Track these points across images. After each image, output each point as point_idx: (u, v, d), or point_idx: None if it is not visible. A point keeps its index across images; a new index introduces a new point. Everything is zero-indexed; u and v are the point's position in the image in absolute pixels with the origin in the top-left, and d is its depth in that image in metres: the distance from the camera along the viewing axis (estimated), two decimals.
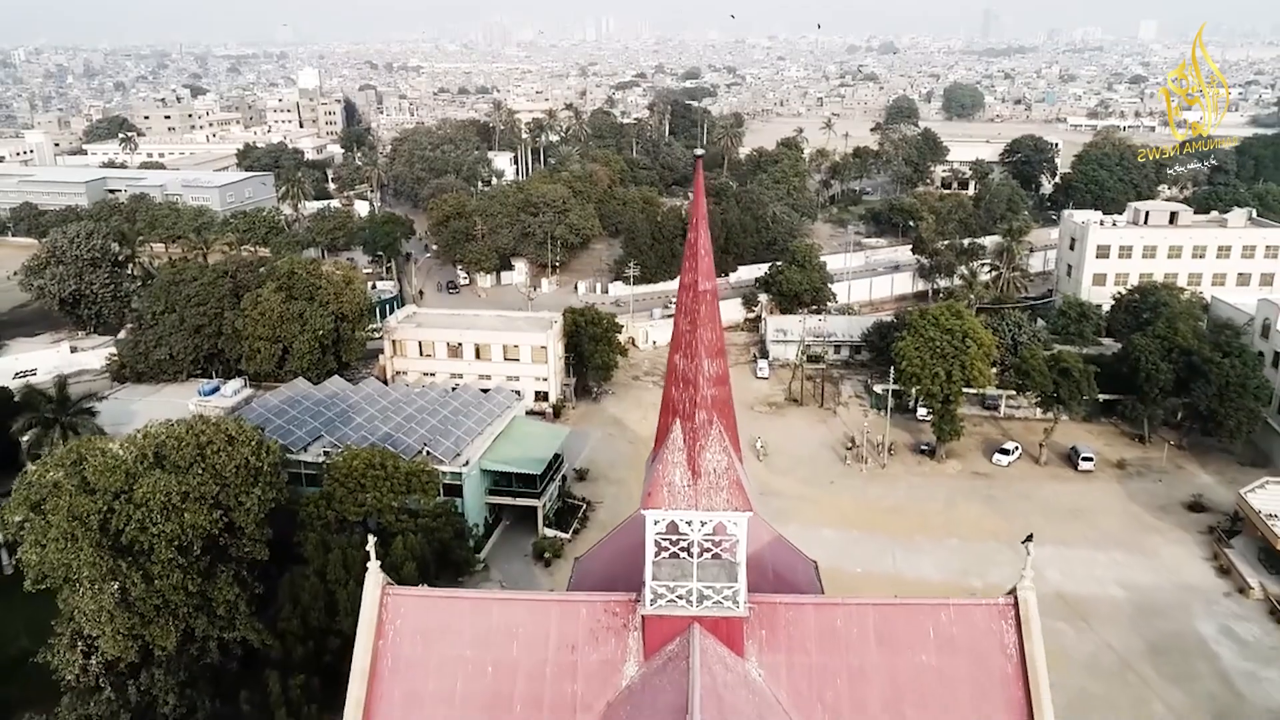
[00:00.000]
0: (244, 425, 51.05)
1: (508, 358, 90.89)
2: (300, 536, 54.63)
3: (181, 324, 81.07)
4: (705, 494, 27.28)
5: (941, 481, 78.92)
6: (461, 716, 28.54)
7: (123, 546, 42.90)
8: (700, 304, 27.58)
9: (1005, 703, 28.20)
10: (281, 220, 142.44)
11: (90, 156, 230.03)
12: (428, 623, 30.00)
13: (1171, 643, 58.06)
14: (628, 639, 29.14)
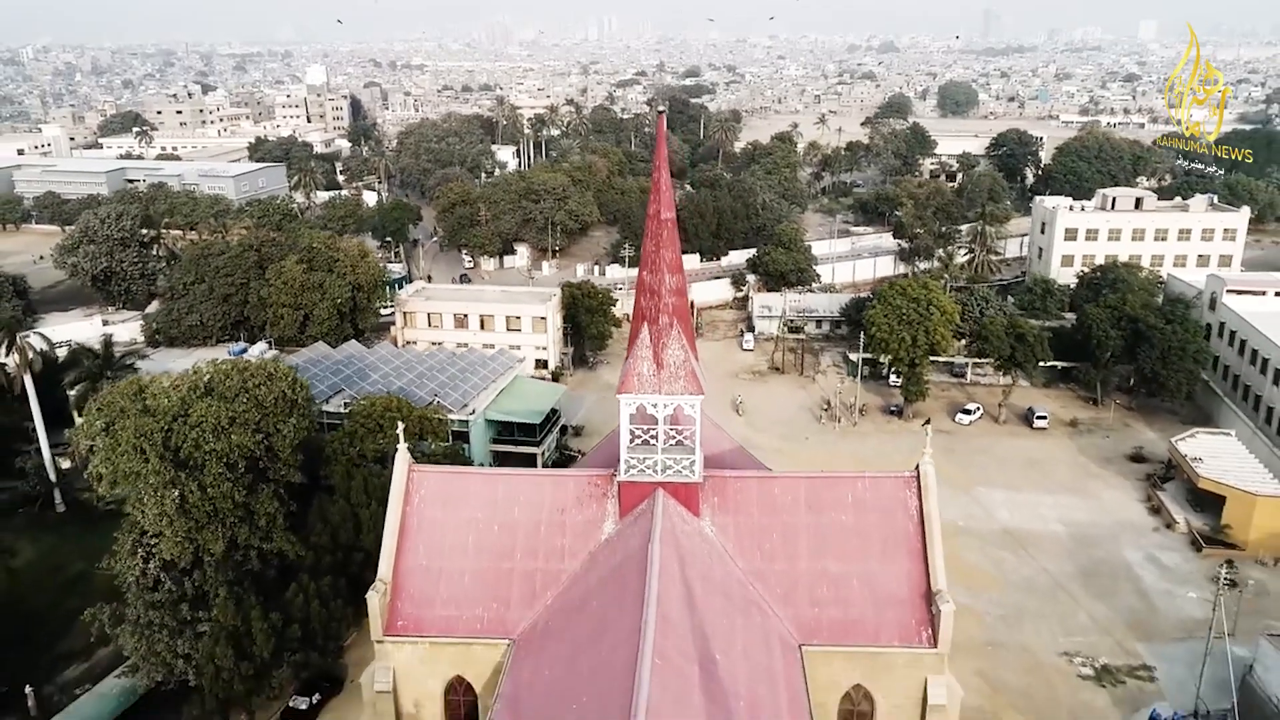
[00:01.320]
0: (280, 365, 58.32)
1: (510, 328, 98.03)
2: (327, 470, 61.87)
3: (211, 293, 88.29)
4: (667, 381, 34.45)
5: (906, 438, 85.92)
6: (474, 563, 35.75)
7: (181, 461, 50.05)
8: (663, 230, 34.76)
9: (907, 551, 35.46)
10: (294, 208, 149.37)
11: (105, 150, 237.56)
12: (446, 492, 37.26)
13: (1101, 568, 65.16)
14: (606, 504, 36.35)
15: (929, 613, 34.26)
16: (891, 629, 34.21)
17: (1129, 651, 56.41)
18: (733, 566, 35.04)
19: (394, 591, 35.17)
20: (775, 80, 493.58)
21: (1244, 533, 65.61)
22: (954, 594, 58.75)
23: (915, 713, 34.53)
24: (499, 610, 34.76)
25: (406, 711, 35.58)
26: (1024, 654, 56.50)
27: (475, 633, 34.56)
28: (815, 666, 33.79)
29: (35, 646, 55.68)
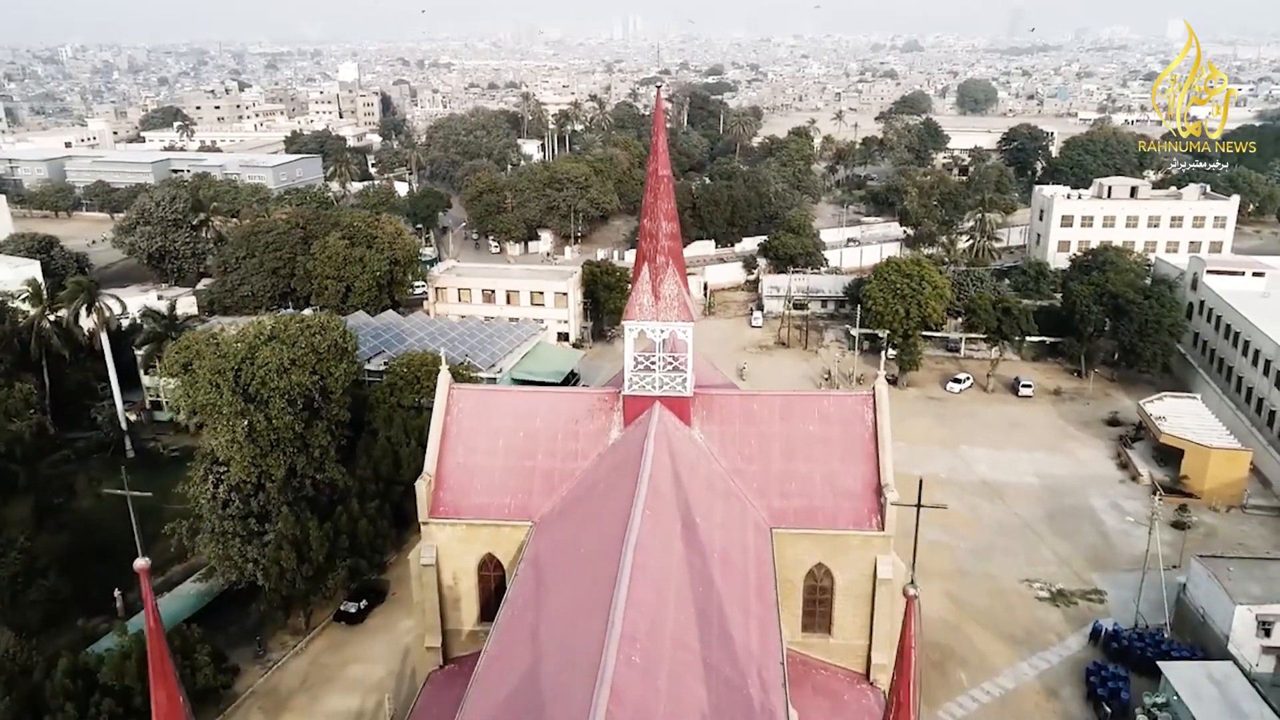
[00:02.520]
0: (333, 318, 66.09)
1: (534, 303, 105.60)
2: (370, 415, 69.67)
3: (260, 266, 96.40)
4: (663, 310, 41.69)
5: (900, 404, 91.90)
6: (502, 462, 43.15)
7: (249, 396, 57.72)
8: (660, 185, 41.97)
9: (863, 455, 42.51)
10: (330, 196, 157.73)
11: (148, 144, 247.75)
12: (479, 406, 44.73)
13: (1067, 512, 71.68)
14: (613, 415, 43.64)
15: (879, 503, 41.22)
16: (848, 516, 41.21)
17: (1083, 579, 63.05)
18: (716, 465, 42.19)
19: (437, 483, 42.59)
20: (797, 79, 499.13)
21: (1200, 483, 71.84)
22: (931, 534, 66.53)
23: (867, 586, 41.53)
24: (523, 499, 42.09)
25: (446, 584, 42.98)
26: (989, 580, 63.24)
27: (503, 517, 41.90)
28: (784, 547, 40.86)
29: (117, 563, 63.63)
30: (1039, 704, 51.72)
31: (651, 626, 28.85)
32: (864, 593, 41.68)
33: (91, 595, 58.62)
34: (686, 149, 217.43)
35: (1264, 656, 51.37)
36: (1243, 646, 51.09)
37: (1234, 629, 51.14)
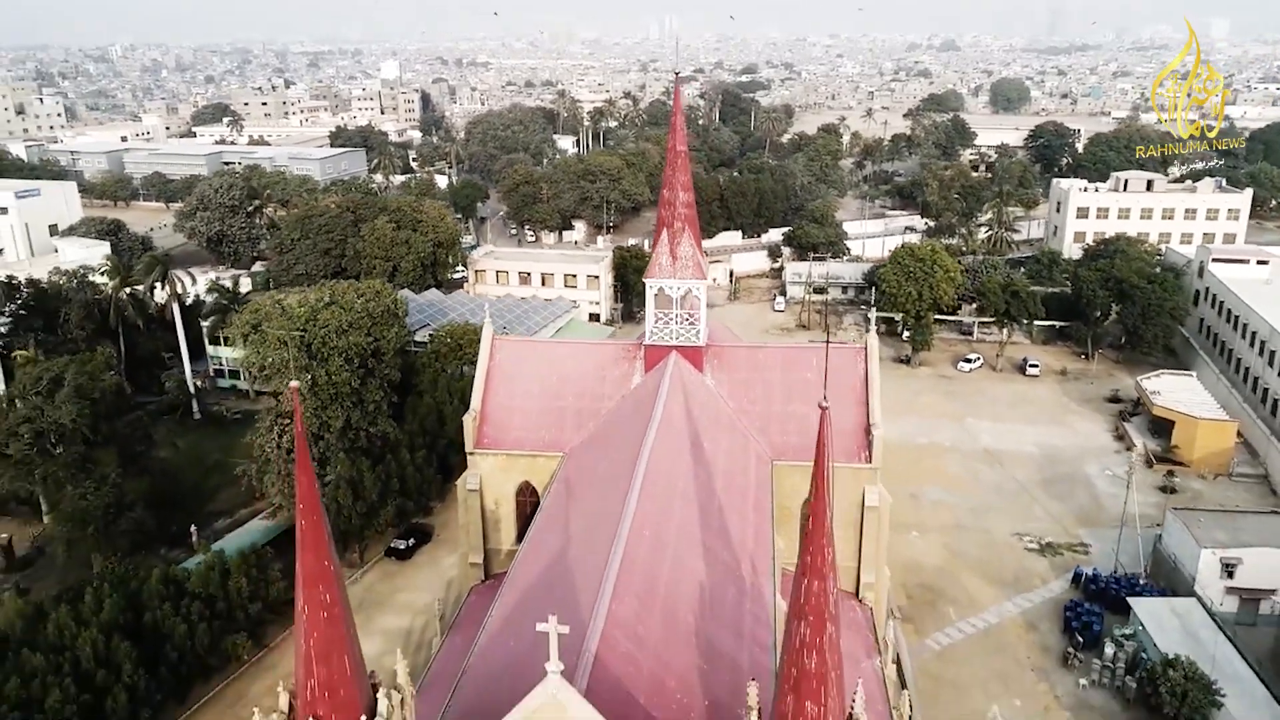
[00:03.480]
0: (386, 286, 72.81)
1: (567, 285, 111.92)
2: (417, 378, 76.30)
3: (314, 247, 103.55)
4: (680, 269, 47.64)
5: (912, 381, 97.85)
6: (538, 402, 49.28)
7: (312, 353, 64.53)
8: (678, 159, 47.88)
9: (855, 399, 48.16)
10: (374, 188, 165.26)
11: (199, 138, 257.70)
12: (518, 354, 50.99)
13: (1062, 477, 76.63)
14: (635, 363, 49.65)
15: (867, 440, 46.83)
16: (839, 450, 46.71)
17: (1071, 534, 68.12)
18: (725, 406, 48.05)
19: (481, 419, 48.82)
20: (831, 78, 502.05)
21: (1189, 452, 76.46)
22: (933, 493, 71.79)
23: (856, 514, 47.09)
24: (556, 434, 48.16)
25: (488, 507, 49.21)
26: (983, 534, 68.48)
27: (538, 449, 48.01)
28: (783, 478, 46.50)
29: (190, 508, 70.67)
30: (1019, 635, 57.05)
31: (660, 517, 34.84)
32: (853, 520, 47.27)
33: (170, 531, 65.56)
34: (717, 145, 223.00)
35: (1228, 597, 56.24)
36: (1207, 587, 56.00)
37: (1200, 571, 56.09)
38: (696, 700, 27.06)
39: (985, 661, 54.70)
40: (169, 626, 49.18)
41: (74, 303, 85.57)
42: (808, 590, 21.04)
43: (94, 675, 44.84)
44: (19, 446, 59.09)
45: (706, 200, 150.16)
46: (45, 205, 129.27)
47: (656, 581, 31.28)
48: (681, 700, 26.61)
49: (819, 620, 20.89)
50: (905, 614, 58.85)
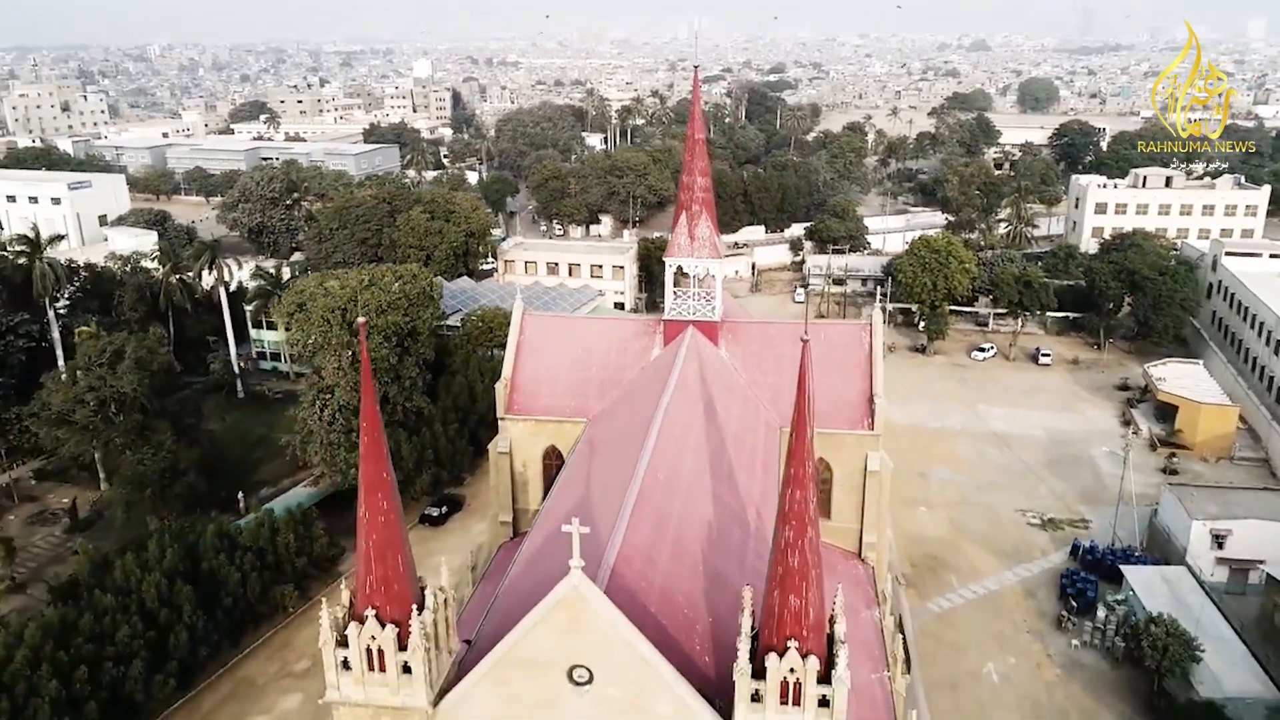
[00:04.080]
0: (422, 270, 76.91)
1: (593, 275, 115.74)
2: (450, 360, 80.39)
3: (351, 236, 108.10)
4: (697, 249, 51.22)
5: (926, 369, 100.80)
6: (564, 373, 53.03)
7: (353, 331, 68.72)
8: (696, 146, 51.42)
9: (859, 371, 51.51)
10: (408, 182, 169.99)
11: (237, 135, 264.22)
12: (546, 328, 54.77)
13: (1068, 459, 79.36)
14: (655, 336, 53.29)
15: (870, 410, 50.15)
16: (845, 419, 50.19)
17: (1072, 511, 70.97)
18: (737, 376, 51.57)
19: (511, 387, 52.65)
20: (859, 77, 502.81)
21: (1192, 436, 78.96)
22: (942, 473, 75.01)
23: (860, 478, 50.45)
24: (580, 401, 51.86)
25: (517, 470, 53.03)
26: (988, 510, 71.48)
27: (564, 415, 51.72)
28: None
29: (237, 477, 75.13)
30: (1017, 601, 60.14)
31: (673, 464, 38.46)
32: (857, 483, 50.65)
33: (219, 497, 69.97)
34: (743, 142, 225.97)
35: (1218, 567, 59.03)
36: (1199, 558, 58.83)
37: (1191, 542, 58.91)
38: (700, 615, 30.66)
39: (983, 624, 57.85)
40: (223, 575, 53.49)
41: (128, 286, 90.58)
42: (791, 499, 24.61)
43: (157, 615, 49.20)
44: (84, 413, 63.73)
45: (730, 195, 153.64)
46: (96, 196, 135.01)
47: (668, 516, 34.90)
48: (687, 614, 30.23)
49: (800, 524, 24.47)
50: (909, 580, 62.25)
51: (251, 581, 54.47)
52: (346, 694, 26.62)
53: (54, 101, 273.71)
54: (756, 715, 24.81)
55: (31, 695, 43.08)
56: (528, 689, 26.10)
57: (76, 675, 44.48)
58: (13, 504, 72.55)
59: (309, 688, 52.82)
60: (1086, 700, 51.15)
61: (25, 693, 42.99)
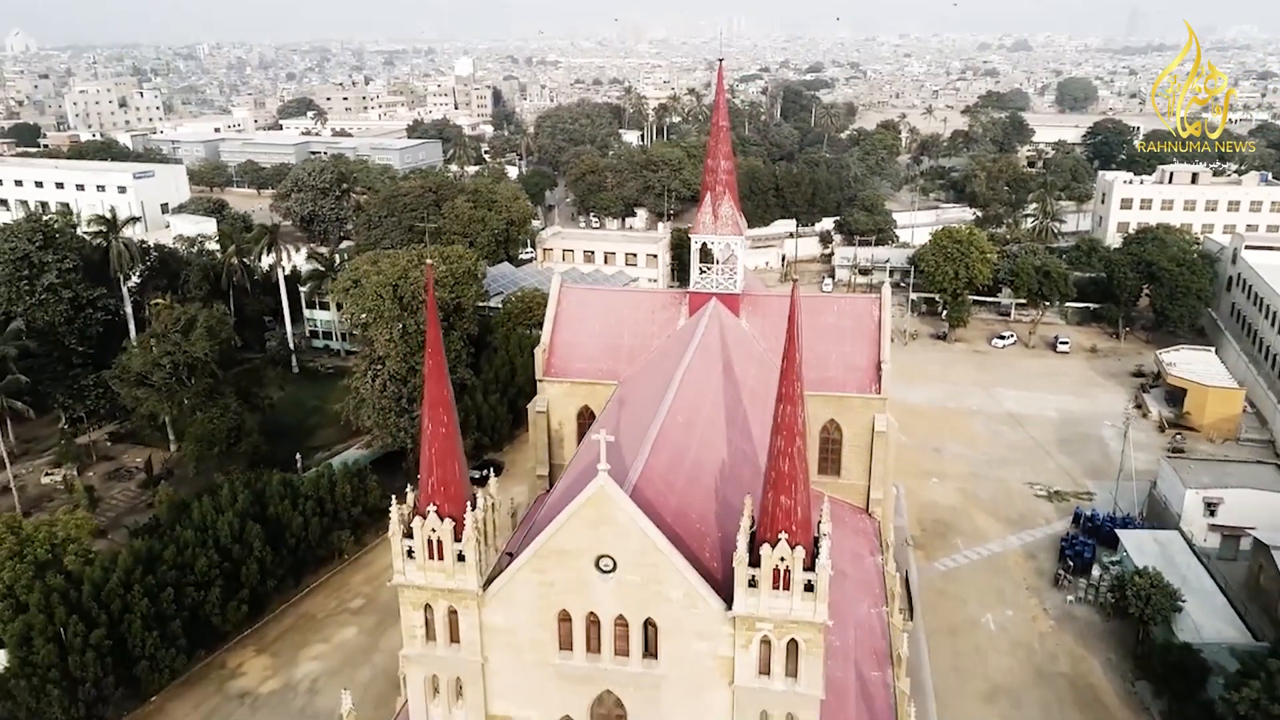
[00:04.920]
0: (468, 251, 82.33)
1: (628, 263, 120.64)
2: (492, 336, 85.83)
3: (399, 224, 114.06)
4: (719, 227, 55.93)
5: (947, 355, 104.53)
6: (598, 340, 57.99)
7: (403, 305, 74.26)
8: (720, 133, 56.14)
9: (869, 340, 55.90)
10: (450, 176, 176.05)
11: (286, 130, 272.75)
12: (581, 299, 59.82)
13: (1078, 437, 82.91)
14: (681, 307, 58.06)
15: (878, 375, 54.53)
16: (855, 383, 54.62)
17: (1078, 484, 74.66)
18: (756, 344, 56.15)
19: (550, 351, 57.71)
20: (896, 77, 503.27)
21: (1199, 418, 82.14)
22: (955, 449, 78.90)
23: (867, 438, 54.83)
24: (612, 365, 56.74)
25: (554, 428, 58.05)
26: (998, 482, 75.39)
27: (598, 377, 56.64)
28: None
29: (294, 440, 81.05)
30: (1018, 562, 64.14)
31: (692, 410, 43.20)
32: (865, 443, 55.04)
33: (279, 457, 75.78)
34: (777, 140, 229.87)
35: (1211, 534, 62.55)
36: (1192, 524, 62.41)
37: (1185, 509, 62.53)
38: (711, 530, 35.35)
39: (985, 581, 61.96)
40: (287, 520, 59.11)
41: (193, 266, 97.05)
42: (782, 414, 29.37)
43: (231, 550, 54.89)
44: (160, 375, 69.86)
45: (762, 190, 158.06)
46: (158, 185, 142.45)
47: (685, 452, 39.64)
48: (699, 528, 34.94)
49: (790, 435, 29.18)
50: (918, 542, 66.49)
51: (312, 526, 60.07)
52: (410, 578, 31.72)
53: (112, 98, 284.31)
54: (753, 598, 29.52)
55: (125, 612, 48.86)
56: (561, 576, 31.01)
57: (163, 596, 50.28)
58: (92, 462, 79.03)
59: (363, 622, 58.50)
60: (1076, 648, 55.16)
61: (120, 609, 48.79)
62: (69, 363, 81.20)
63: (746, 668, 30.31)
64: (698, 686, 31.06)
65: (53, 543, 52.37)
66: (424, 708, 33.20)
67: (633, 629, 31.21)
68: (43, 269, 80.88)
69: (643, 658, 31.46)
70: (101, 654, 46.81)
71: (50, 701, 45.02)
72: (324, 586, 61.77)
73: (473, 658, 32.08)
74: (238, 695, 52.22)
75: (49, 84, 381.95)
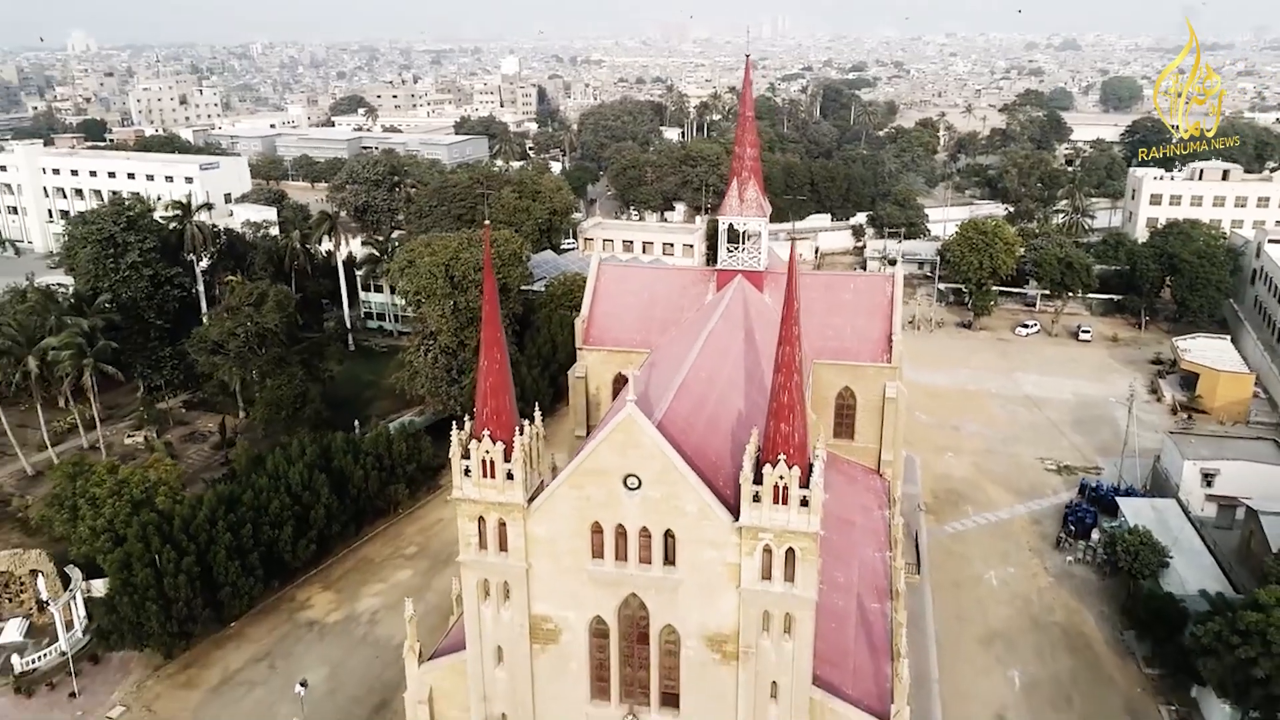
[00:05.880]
0: (514, 235, 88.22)
1: (665, 253, 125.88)
2: (535, 316, 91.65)
3: (448, 213, 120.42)
4: (745, 209, 61.04)
5: (970, 342, 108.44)
6: (632, 312, 63.39)
7: (454, 283, 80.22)
8: (746, 122, 61.26)
9: (881, 315, 60.72)
10: (495, 170, 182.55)
11: (338, 127, 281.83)
12: (619, 275, 65.29)
13: (1092, 418, 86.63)
14: (709, 283, 63.27)
15: (889, 346, 59.23)
16: (868, 353, 59.41)
17: (1088, 459, 78.62)
18: (776, 315, 61.01)
19: (589, 322, 63.18)
20: (940, 76, 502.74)
21: (1211, 401, 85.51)
22: (973, 427, 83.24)
23: (879, 404, 59.57)
24: (645, 335, 62.05)
25: (591, 392, 63.52)
26: (1011, 457, 79.57)
27: (632, 346, 61.95)
28: (821, 374, 59.48)
29: (352, 410, 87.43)
30: (1024, 527, 68.45)
31: (712, 369, 48.36)
32: (877, 408, 59.80)
33: (339, 424, 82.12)
34: (815, 137, 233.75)
35: (1208, 504, 66.35)
36: (1190, 494, 66.26)
37: (1183, 479, 66.40)
38: (725, 465, 40.44)
39: (991, 543, 66.40)
40: (349, 472, 65.31)
41: (259, 249, 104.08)
42: (782, 354, 34.55)
43: (301, 495, 61.15)
44: (235, 344, 76.59)
45: (798, 184, 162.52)
46: (223, 176, 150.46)
47: (706, 401, 44.84)
48: (714, 461, 40.07)
49: (788, 372, 34.33)
50: (930, 508, 71.05)
51: (372, 479, 66.24)
52: (467, 493, 37.26)
53: (173, 95, 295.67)
54: (756, 511, 34.67)
55: (210, 544, 55.23)
56: (595, 492, 36.35)
57: (243, 532, 56.63)
58: (169, 426, 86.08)
59: (417, 566, 64.50)
60: (1071, 601, 59.49)
61: (206, 541, 55.16)
62: (148, 335, 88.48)
63: (751, 572, 35.47)
64: (709, 589, 36.27)
65: (146, 485, 58.99)
66: (476, 608, 38.79)
67: (655, 539, 36.50)
68: (126, 249, 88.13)
69: (663, 565, 36.72)
70: (191, 578, 53.17)
71: (149, 616, 51.43)
72: (381, 535, 67.93)
73: (518, 564, 37.59)
74: (306, 624, 58.45)
75: (113, 82, 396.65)
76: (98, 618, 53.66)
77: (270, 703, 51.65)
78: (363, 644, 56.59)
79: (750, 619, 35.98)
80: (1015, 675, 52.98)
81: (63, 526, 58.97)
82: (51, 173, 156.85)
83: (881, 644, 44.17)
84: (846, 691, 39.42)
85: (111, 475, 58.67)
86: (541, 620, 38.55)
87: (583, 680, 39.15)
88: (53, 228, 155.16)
